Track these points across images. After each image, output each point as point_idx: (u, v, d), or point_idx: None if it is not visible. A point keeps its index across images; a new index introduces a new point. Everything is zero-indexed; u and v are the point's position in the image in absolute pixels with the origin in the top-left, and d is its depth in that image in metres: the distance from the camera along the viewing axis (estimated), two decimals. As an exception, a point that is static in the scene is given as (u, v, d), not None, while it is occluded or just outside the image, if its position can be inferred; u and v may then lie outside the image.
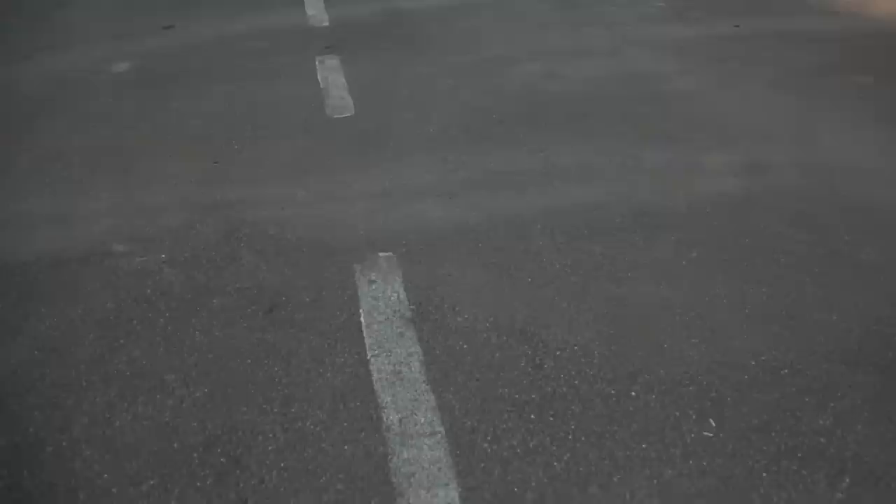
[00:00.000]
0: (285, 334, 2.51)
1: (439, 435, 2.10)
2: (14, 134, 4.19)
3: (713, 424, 2.11)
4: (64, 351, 2.48)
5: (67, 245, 3.09)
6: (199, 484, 1.97)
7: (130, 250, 3.02)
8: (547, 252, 2.91)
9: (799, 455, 2.00)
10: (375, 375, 2.32)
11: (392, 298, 2.66)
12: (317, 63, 4.96)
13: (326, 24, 5.90)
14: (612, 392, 2.23)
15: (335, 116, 4.17)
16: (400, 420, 2.15)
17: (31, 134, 4.17)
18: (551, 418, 2.15)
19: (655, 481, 1.94)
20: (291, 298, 2.69)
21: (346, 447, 2.07)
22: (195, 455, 2.07)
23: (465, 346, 2.43)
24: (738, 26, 5.65)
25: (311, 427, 2.14)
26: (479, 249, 2.94)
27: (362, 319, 2.56)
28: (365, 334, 2.49)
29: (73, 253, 3.03)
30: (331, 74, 4.76)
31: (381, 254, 2.90)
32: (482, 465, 2.01)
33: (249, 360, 2.41)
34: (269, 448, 2.08)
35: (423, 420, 2.15)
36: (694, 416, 2.14)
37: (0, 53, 5.65)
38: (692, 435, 2.07)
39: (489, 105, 4.26)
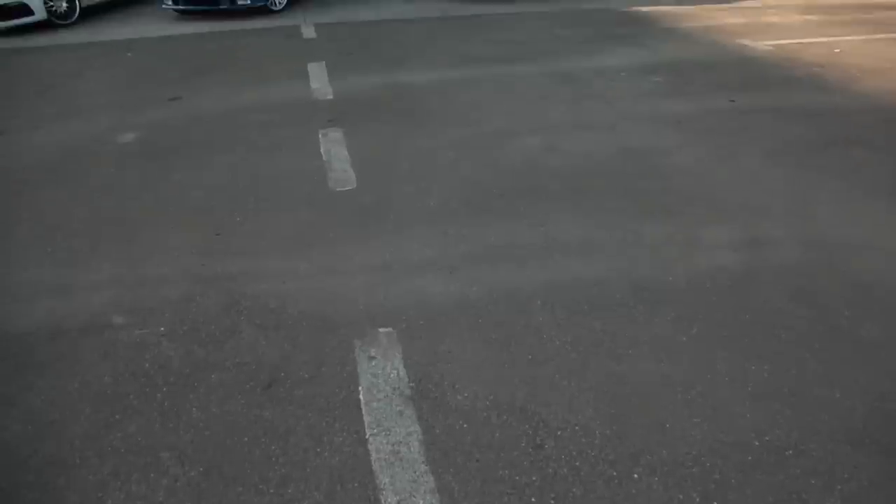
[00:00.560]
0: (283, 411, 2.49)
1: (438, 519, 2.06)
2: (19, 203, 4.24)
3: (718, 509, 2.07)
4: (59, 425, 2.46)
5: (67, 316, 3.08)
6: (191, 570, 1.93)
7: (130, 322, 3.02)
8: (547, 327, 2.90)
9: (807, 542, 1.96)
10: (374, 455, 2.28)
11: (392, 375, 2.64)
12: (320, 136, 5.04)
13: (330, 97, 6.03)
14: (614, 473, 2.20)
15: (337, 189, 4.21)
16: (398, 502, 2.11)
17: (35, 203, 4.22)
18: (552, 501, 2.10)
19: (660, 570, 1.89)
20: (290, 374, 2.67)
21: (342, 531, 2.02)
22: (188, 538, 2.02)
23: (464, 426, 2.40)
24: (733, 101, 5.77)
25: (308, 509, 2.10)
26: (479, 325, 2.93)
27: (361, 397, 2.54)
28: (364, 412, 2.47)
29: (72, 324, 3.02)
30: (333, 147, 4.83)
31: (381, 329, 2.90)
32: (482, 551, 1.96)
33: (246, 438, 2.37)
34: (264, 531, 2.03)
35: (421, 503, 2.11)
36: (698, 500, 2.09)
37: (11, 122, 5.77)
38: (697, 520, 2.03)
39: (489, 178, 4.31)
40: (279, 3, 10.22)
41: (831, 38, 8.14)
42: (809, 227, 3.73)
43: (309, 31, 8.92)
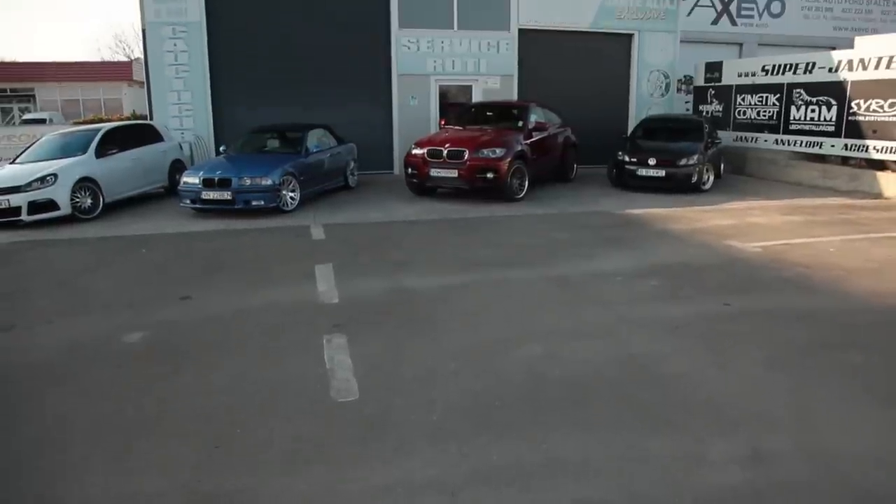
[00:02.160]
0: None
1: None
2: (19, 405, 4.25)
3: None
4: None
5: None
6: None
7: (118, 548, 2.93)
8: (551, 560, 2.81)
9: None
10: None
11: None
12: (324, 341, 5.10)
13: (336, 300, 6.16)
14: None
15: (339, 400, 4.19)
16: None
17: (35, 406, 4.23)
18: None
19: None
20: None
21: None
22: None
23: None
24: (727, 304, 5.93)
25: None
26: (481, 558, 2.84)
27: None
28: None
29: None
30: (337, 354, 4.87)
31: (380, 560, 2.81)
32: None
33: None
34: None
35: None
36: None
37: (22, 316, 5.90)
38: None
39: (490, 389, 4.31)
40: (291, 203, 10.78)
41: (815, 239, 8.52)
42: (812, 437, 3.72)
43: (318, 232, 9.33)
